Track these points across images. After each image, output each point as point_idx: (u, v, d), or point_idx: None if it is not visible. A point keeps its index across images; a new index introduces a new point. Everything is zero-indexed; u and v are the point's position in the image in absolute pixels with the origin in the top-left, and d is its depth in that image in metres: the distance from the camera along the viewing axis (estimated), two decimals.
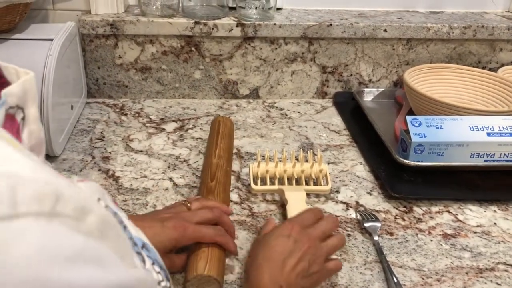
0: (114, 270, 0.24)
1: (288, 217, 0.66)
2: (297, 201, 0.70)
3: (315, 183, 0.77)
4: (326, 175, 0.77)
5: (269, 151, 0.87)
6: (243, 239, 0.67)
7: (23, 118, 0.29)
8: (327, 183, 0.76)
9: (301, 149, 0.90)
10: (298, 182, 0.77)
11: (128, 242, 0.28)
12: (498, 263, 0.65)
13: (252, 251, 0.57)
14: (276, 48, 1.04)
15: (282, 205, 0.73)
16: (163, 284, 0.32)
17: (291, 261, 0.53)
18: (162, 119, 0.98)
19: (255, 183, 0.75)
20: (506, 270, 0.64)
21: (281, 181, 0.76)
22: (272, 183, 0.77)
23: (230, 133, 0.87)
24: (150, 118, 0.98)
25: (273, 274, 0.51)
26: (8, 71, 0.30)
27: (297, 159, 0.81)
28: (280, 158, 0.81)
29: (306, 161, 0.79)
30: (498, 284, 0.61)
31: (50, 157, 0.82)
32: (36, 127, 0.30)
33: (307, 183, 0.76)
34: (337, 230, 0.67)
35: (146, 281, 0.27)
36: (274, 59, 1.05)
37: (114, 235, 0.25)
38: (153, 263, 0.32)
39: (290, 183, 0.76)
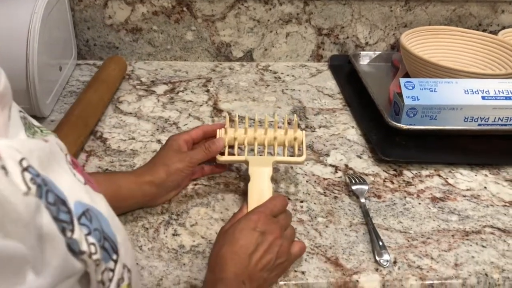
0: None
1: (249, 195, 0.61)
2: (260, 178, 0.63)
3: (293, 152, 0.68)
4: (302, 144, 0.67)
5: (240, 116, 0.82)
6: (229, 201, 0.67)
7: None
8: (302, 153, 0.67)
9: (275, 114, 0.86)
10: (271, 153, 0.69)
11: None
12: (485, 226, 0.64)
13: (217, 243, 0.53)
14: (270, 9, 1.01)
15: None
16: (94, 257, 0.30)
17: (256, 255, 0.51)
18: (152, 81, 0.97)
19: (221, 153, 0.66)
20: (492, 233, 0.63)
21: (251, 153, 0.68)
22: (242, 151, 0.67)
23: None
24: (141, 80, 0.97)
25: (237, 270, 0.49)
26: None
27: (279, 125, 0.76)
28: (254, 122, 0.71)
29: (280, 127, 0.71)
30: (483, 246, 0.61)
31: (38, 118, 0.81)
32: None
33: (281, 153, 0.68)
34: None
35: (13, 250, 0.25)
36: (268, 20, 1.02)
37: None
38: (88, 233, 0.30)
39: (261, 152, 0.67)
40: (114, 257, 0.33)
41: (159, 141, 0.78)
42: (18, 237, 0.25)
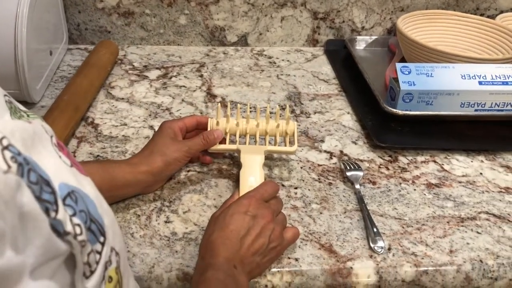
0: None
1: (241, 182, 0.61)
2: (252, 166, 0.63)
3: (284, 142, 0.68)
4: (293, 135, 0.67)
5: (232, 105, 0.83)
6: (223, 187, 0.66)
7: None
8: (294, 144, 0.66)
9: (269, 100, 0.85)
10: (263, 141, 0.68)
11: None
12: (480, 212, 0.64)
13: (208, 229, 0.52)
14: None
15: (267, 156, 0.70)
16: (79, 238, 0.29)
17: (248, 240, 0.50)
18: (145, 66, 0.95)
19: None
20: (487, 219, 0.63)
21: (243, 140, 0.68)
22: (233, 141, 0.67)
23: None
24: (133, 65, 0.95)
25: (228, 254, 0.48)
26: None
27: (272, 113, 0.78)
28: (245, 109, 0.69)
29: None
30: (478, 232, 0.61)
31: (28, 103, 0.79)
32: None
33: (273, 142, 0.68)
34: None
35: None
36: (263, 4, 1.01)
37: None
38: (73, 214, 0.30)
39: (253, 142, 0.67)
40: (101, 239, 0.32)
41: (151, 127, 0.77)
42: (0, 215, 0.24)
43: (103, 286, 0.33)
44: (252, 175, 0.62)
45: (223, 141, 0.67)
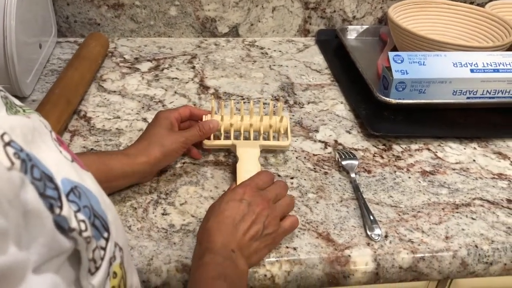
0: None
1: (238, 174, 0.62)
2: (248, 159, 0.64)
3: (278, 136, 0.69)
4: (286, 129, 0.68)
5: (225, 96, 0.84)
6: (219, 179, 0.66)
7: None
8: (288, 138, 0.68)
9: (261, 102, 0.85)
10: (257, 136, 0.70)
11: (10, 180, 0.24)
12: (474, 199, 0.65)
13: (205, 217, 0.53)
14: None
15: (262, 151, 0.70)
16: (85, 234, 0.29)
17: (243, 225, 0.51)
18: (136, 58, 0.94)
19: (208, 138, 0.67)
20: (481, 205, 0.64)
21: (237, 135, 0.69)
22: (228, 136, 0.68)
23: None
24: (124, 58, 0.94)
25: (224, 240, 0.49)
26: None
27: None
28: (240, 104, 0.70)
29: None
30: (473, 218, 0.62)
31: (19, 98, 0.78)
32: None
33: (267, 137, 0.69)
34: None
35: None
36: None
37: None
38: (78, 210, 0.29)
39: (247, 137, 0.69)
40: (105, 235, 0.32)
41: (144, 119, 0.77)
42: (3, 213, 0.23)
43: (108, 282, 0.33)
44: (249, 167, 0.63)
45: (218, 137, 0.68)
